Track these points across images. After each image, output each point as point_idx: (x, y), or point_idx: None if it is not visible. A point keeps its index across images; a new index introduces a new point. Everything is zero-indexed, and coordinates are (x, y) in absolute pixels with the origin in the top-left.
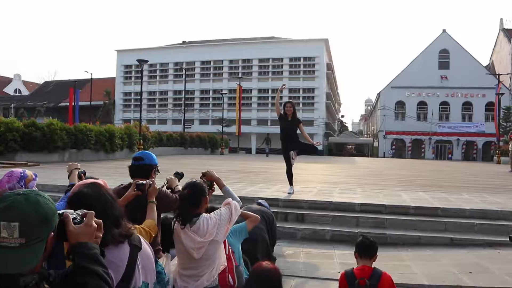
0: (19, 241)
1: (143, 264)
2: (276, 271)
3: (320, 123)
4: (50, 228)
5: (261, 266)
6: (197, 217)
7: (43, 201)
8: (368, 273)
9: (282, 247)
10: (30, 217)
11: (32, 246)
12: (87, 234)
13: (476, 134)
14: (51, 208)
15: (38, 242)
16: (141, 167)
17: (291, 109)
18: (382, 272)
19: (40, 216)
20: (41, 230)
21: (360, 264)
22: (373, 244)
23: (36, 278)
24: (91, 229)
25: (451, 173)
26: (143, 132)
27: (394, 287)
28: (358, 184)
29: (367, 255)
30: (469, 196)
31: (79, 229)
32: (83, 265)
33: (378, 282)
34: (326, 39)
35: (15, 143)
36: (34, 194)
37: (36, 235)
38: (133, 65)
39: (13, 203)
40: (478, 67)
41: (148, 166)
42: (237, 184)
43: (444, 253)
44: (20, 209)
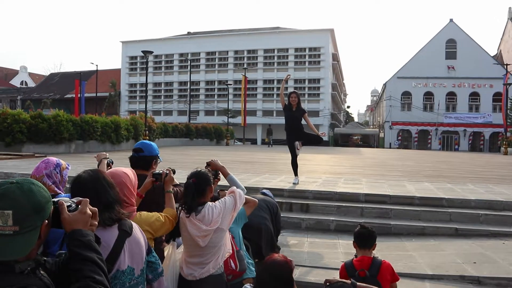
0: (13, 229)
1: (131, 249)
2: (289, 264)
3: (325, 114)
4: (44, 216)
5: (273, 258)
6: (202, 206)
7: (36, 189)
8: (368, 264)
9: (286, 236)
10: (23, 205)
11: (26, 233)
12: (82, 221)
13: (483, 125)
14: (45, 196)
15: (32, 230)
16: (141, 159)
17: (295, 100)
18: (381, 262)
19: (33, 204)
20: (35, 218)
21: (359, 254)
22: (371, 234)
23: (32, 265)
24: (86, 216)
25: (457, 164)
26: (149, 123)
27: (394, 275)
28: (363, 175)
29: (366, 246)
30: (474, 186)
31: (73, 216)
32: (78, 252)
33: (378, 272)
34: (332, 29)
35: (22, 135)
36: (27, 183)
37: (29, 222)
38: (138, 56)
39: (7, 192)
40: (485, 57)
41: (148, 157)
42: (242, 175)
43: (449, 243)
44: (13, 197)
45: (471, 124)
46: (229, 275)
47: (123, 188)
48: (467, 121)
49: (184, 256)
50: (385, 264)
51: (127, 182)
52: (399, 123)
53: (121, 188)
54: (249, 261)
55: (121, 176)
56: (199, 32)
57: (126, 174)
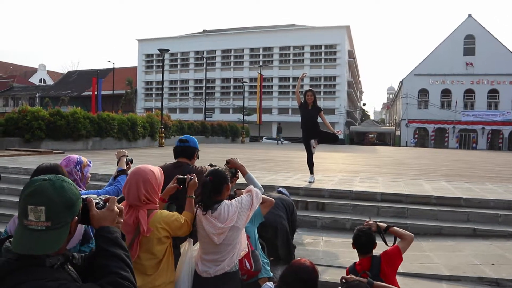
0: (45, 225)
1: None
2: (315, 270)
3: (341, 112)
4: (74, 213)
5: (301, 262)
6: (219, 203)
7: (67, 186)
8: (368, 266)
9: (302, 235)
10: (55, 201)
11: (57, 229)
12: (109, 218)
13: (502, 123)
14: (75, 193)
15: (63, 226)
16: (187, 148)
17: (311, 98)
18: (380, 258)
19: (65, 201)
20: (66, 214)
21: (359, 257)
22: (370, 241)
23: (61, 259)
24: (113, 213)
25: (475, 163)
26: (165, 121)
27: (396, 261)
28: (379, 173)
29: (364, 252)
30: (493, 186)
31: (101, 213)
32: (105, 248)
33: (380, 270)
34: (348, 26)
35: (41, 131)
36: (59, 180)
37: (61, 219)
38: (154, 54)
39: (40, 188)
40: (505, 52)
41: (192, 148)
42: (258, 173)
43: (466, 244)
44: (46, 194)
45: (489, 122)
46: (243, 275)
47: (147, 185)
48: (486, 119)
49: (199, 253)
50: (384, 258)
51: (151, 180)
52: (416, 121)
53: (144, 185)
54: (264, 261)
55: (147, 173)
56: (215, 30)
57: (152, 172)
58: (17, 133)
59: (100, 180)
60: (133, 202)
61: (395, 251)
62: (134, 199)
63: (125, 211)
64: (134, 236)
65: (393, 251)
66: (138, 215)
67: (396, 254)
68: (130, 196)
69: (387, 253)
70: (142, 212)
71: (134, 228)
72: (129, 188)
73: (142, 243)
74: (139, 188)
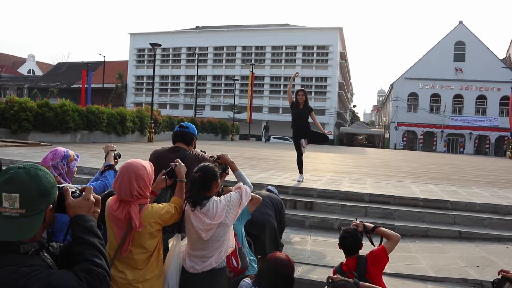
0: (20, 212)
1: None
2: (291, 263)
3: (332, 113)
4: (49, 201)
5: (276, 256)
6: (207, 199)
7: (42, 175)
8: (354, 266)
9: (290, 234)
10: (30, 189)
11: (31, 216)
12: (85, 207)
13: (490, 129)
14: (50, 181)
15: (37, 213)
16: (186, 133)
17: (303, 97)
18: (366, 259)
19: (39, 189)
20: (40, 201)
21: (346, 257)
22: (355, 241)
23: (36, 246)
24: (89, 203)
25: (462, 167)
26: (155, 116)
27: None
28: (368, 175)
29: (350, 252)
30: (479, 190)
31: (77, 202)
32: (80, 236)
33: (366, 271)
34: (341, 28)
35: (28, 123)
36: (34, 168)
37: (35, 206)
38: (146, 49)
39: (15, 176)
40: (494, 60)
41: (191, 134)
42: (247, 171)
43: (452, 246)
44: (21, 181)
45: (477, 127)
46: (230, 272)
47: (139, 181)
48: (473, 124)
49: (187, 249)
50: (370, 258)
51: (143, 175)
52: (405, 124)
53: (136, 180)
54: (251, 258)
55: (139, 168)
56: (208, 27)
57: (143, 167)
58: (4, 123)
59: (88, 174)
60: (125, 198)
61: (381, 252)
62: (126, 194)
63: (116, 206)
64: (126, 231)
65: (379, 251)
66: (129, 210)
67: (382, 255)
68: (122, 191)
69: (373, 254)
70: (133, 207)
71: (126, 223)
72: (121, 183)
73: (134, 238)
74: (131, 183)
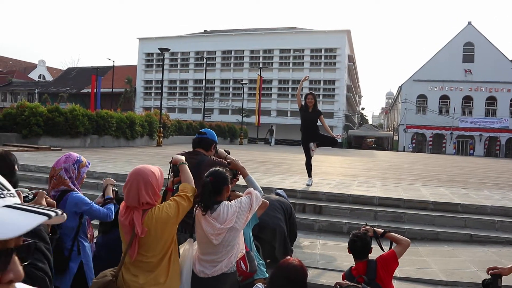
0: None
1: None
2: (304, 269)
3: (340, 116)
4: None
5: (289, 262)
6: (218, 204)
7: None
8: (364, 270)
9: (299, 238)
10: None
11: None
12: None
13: (500, 130)
14: None
15: None
16: (203, 140)
17: (312, 101)
18: (376, 263)
19: None
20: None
21: (355, 262)
22: (365, 246)
23: None
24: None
25: (472, 169)
26: (164, 120)
27: (392, 266)
28: (377, 178)
29: (359, 257)
30: (490, 192)
31: None
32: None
33: (376, 275)
34: (348, 31)
35: (39, 128)
36: None
37: None
38: (155, 53)
39: None
40: (503, 60)
41: (209, 140)
42: (255, 174)
43: (463, 249)
44: None
45: (487, 129)
46: (239, 276)
47: (148, 187)
48: (483, 126)
49: (197, 253)
50: (379, 263)
51: (152, 181)
52: (414, 126)
53: (145, 187)
54: (260, 262)
55: (148, 174)
56: (216, 31)
57: (152, 173)
58: (15, 128)
59: (97, 178)
60: (132, 204)
61: (391, 256)
62: (133, 201)
63: (123, 212)
64: (131, 237)
65: (389, 255)
66: (133, 217)
67: (392, 259)
68: (130, 197)
69: (383, 258)
70: (136, 213)
71: (130, 229)
72: (129, 189)
73: (143, 242)
74: (140, 190)
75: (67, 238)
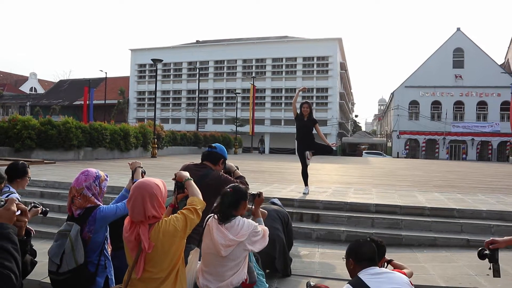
0: None
1: None
2: None
3: (333, 123)
4: None
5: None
6: (234, 217)
7: None
8: None
9: (297, 247)
10: None
11: None
12: (5, 216)
13: (491, 134)
14: None
15: None
16: (212, 153)
17: (307, 110)
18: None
19: None
20: None
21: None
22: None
23: None
24: (9, 212)
25: (466, 174)
26: (158, 131)
27: None
28: (372, 185)
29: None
30: (484, 197)
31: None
32: None
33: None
34: (340, 39)
35: (31, 141)
36: None
37: None
38: (147, 64)
39: None
40: (493, 66)
41: (218, 154)
42: (252, 184)
43: (461, 254)
44: None
45: (479, 133)
46: None
47: (153, 200)
48: (475, 130)
49: (201, 266)
50: None
51: (157, 194)
52: (407, 132)
53: (150, 200)
54: (259, 272)
55: (153, 187)
56: (208, 41)
57: (157, 186)
58: (7, 142)
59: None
60: (138, 218)
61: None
62: (139, 215)
63: (128, 228)
64: (137, 253)
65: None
66: (139, 232)
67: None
68: (135, 212)
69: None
70: (143, 227)
71: (136, 245)
72: (134, 203)
73: (149, 258)
74: (145, 203)
75: (93, 253)
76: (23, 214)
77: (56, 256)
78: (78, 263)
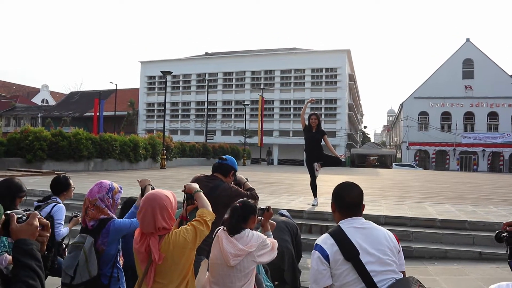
0: None
1: None
2: None
3: (342, 134)
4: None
5: None
6: (243, 230)
7: None
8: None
9: (306, 259)
10: None
11: None
12: (27, 232)
13: (503, 145)
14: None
15: None
16: (222, 165)
17: (316, 121)
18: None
19: None
20: None
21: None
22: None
23: None
24: (32, 227)
25: (477, 185)
26: (167, 143)
27: None
28: (382, 196)
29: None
30: (497, 209)
31: (20, 227)
32: (18, 259)
33: None
34: (348, 50)
35: (43, 152)
36: None
37: None
38: (157, 76)
39: None
40: (503, 76)
41: (228, 166)
42: (261, 196)
43: (473, 267)
44: None
45: (490, 144)
46: None
47: (163, 212)
48: (486, 141)
49: (208, 277)
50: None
51: (167, 205)
52: (416, 143)
53: (161, 212)
54: (268, 284)
55: (163, 199)
56: (217, 53)
57: (167, 197)
58: (19, 153)
59: None
60: (148, 230)
61: None
62: (149, 226)
63: (138, 239)
64: (147, 264)
65: None
66: (149, 243)
67: None
68: (145, 223)
69: None
70: (153, 239)
71: (147, 256)
72: (144, 215)
73: (159, 270)
74: (156, 215)
75: (106, 265)
76: (45, 228)
77: (70, 268)
78: (91, 275)
